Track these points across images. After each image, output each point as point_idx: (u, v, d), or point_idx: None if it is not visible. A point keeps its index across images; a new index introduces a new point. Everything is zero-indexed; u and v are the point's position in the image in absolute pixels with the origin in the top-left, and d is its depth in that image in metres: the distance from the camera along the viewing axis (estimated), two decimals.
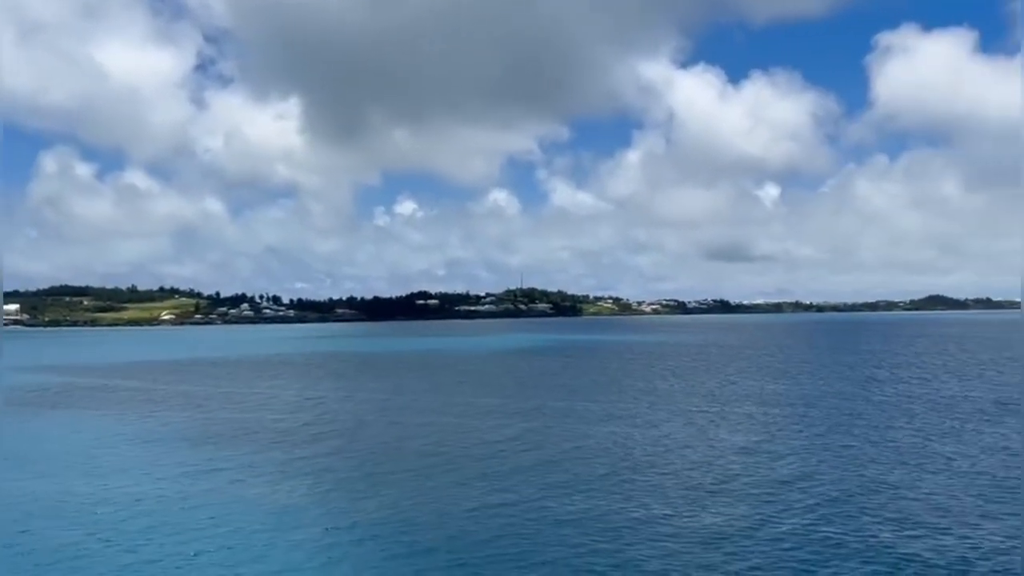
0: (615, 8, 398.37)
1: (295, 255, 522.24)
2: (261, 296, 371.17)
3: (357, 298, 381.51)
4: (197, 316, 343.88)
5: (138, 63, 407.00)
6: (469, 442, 35.40)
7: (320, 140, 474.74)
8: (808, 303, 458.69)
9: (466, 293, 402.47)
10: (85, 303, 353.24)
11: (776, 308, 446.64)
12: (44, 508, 24.51)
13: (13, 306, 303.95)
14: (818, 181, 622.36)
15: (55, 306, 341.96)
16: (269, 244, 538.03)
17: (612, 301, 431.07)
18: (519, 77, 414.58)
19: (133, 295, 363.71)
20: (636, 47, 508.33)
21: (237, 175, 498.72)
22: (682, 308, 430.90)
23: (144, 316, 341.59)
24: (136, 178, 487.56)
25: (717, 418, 41.22)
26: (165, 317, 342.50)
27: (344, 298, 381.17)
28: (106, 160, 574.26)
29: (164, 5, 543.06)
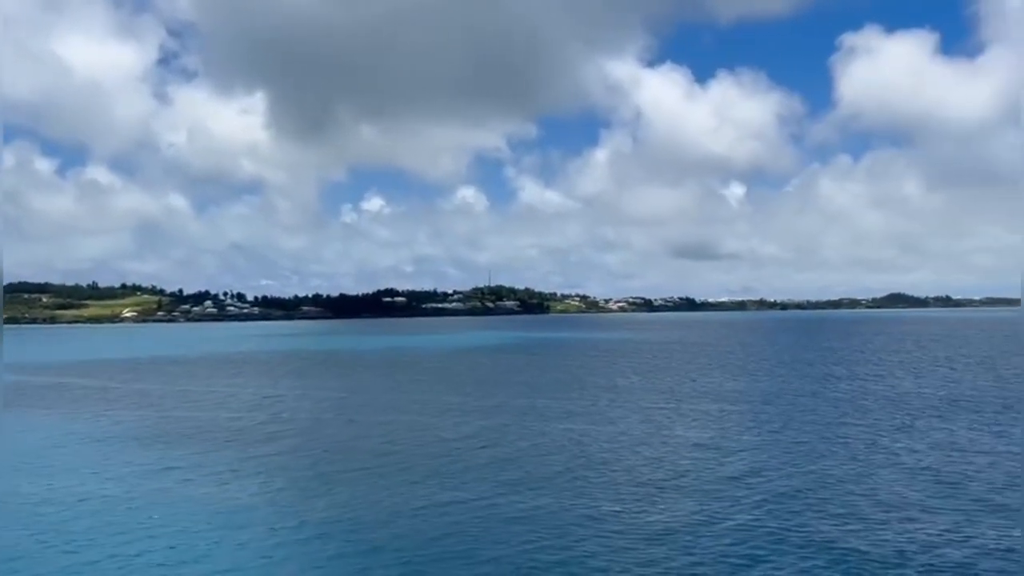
0: (583, 7, 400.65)
1: (260, 252, 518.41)
2: (225, 293, 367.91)
3: (323, 296, 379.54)
4: (159, 313, 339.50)
5: (100, 57, 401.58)
6: (425, 440, 35.33)
7: (286, 135, 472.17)
8: (772, 301, 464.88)
9: (433, 291, 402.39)
10: (44, 300, 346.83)
11: (740, 306, 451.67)
12: None
13: None
14: (783, 180, 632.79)
15: (13, 303, 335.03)
16: (234, 241, 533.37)
17: (579, 299, 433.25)
18: (487, 74, 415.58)
19: (94, 292, 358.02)
20: (603, 46, 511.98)
21: (201, 170, 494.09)
22: (648, 306, 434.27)
23: (105, 313, 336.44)
24: (98, 173, 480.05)
25: (674, 415, 41.53)
26: (126, 315, 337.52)
27: (310, 296, 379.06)
28: (67, 155, 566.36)
29: None
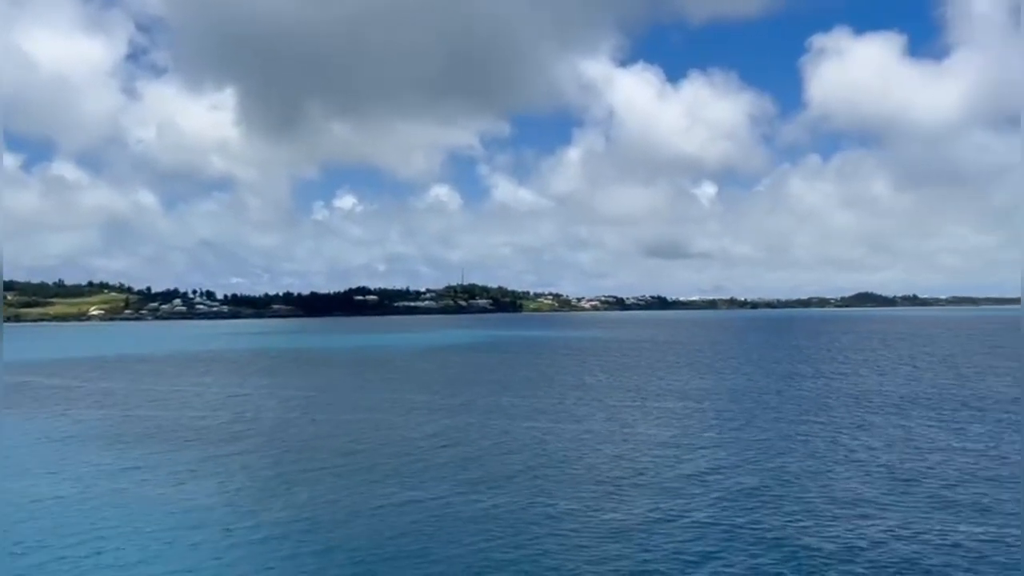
0: (556, 6, 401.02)
1: (231, 249, 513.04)
2: (194, 291, 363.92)
3: (294, 294, 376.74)
4: (127, 312, 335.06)
5: (67, 51, 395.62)
6: (388, 440, 35.19)
7: (256, 132, 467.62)
8: (743, 300, 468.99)
9: (406, 289, 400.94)
10: (9, 298, 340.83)
11: (711, 305, 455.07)
12: None
13: None
14: (753, 180, 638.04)
15: None
16: (204, 238, 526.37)
17: (552, 297, 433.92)
18: (460, 72, 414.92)
19: (60, 290, 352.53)
20: (576, 45, 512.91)
21: (170, 167, 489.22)
22: (621, 304, 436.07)
23: (71, 312, 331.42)
24: (65, 169, 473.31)
25: (638, 413, 41.76)
26: (93, 313, 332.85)
27: (281, 294, 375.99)
28: (33, 150, 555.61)
29: None
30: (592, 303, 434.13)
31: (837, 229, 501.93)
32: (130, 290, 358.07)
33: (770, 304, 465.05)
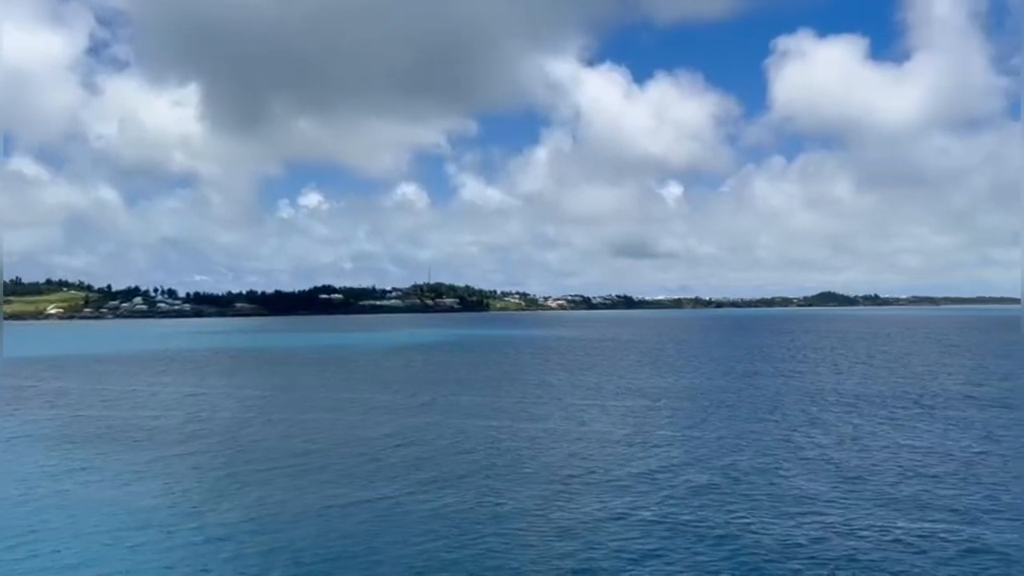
0: (523, 5, 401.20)
1: (194, 247, 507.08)
2: (156, 289, 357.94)
3: (258, 292, 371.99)
4: (87, 310, 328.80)
5: (26, 45, 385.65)
6: (344, 439, 34.92)
7: (220, 128, 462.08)
8: (708, 299, 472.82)
9: (372, 288, 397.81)
10: None
11: (677, 304, 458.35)
12: None
13: None
14: (719, 180, 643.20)
15: None
16: (166, 235, 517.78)
17: (519, 296, 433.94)
18: (428, 71, 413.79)
19: (17, 288, 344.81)
20: (544, 44, 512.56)
21: (132, 163, 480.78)
22: (587, 303, 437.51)
23: (28, 310, 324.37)
24: (23, 164, 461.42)
25: (596, 412, 41.91)
26: (51, 311, 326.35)
27: (244, 292, 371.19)
28: None
29: None
30: (559, 302, 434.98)
31: (800, 230, 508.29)
32: (90, 288, 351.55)
33: (734, 303, 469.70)
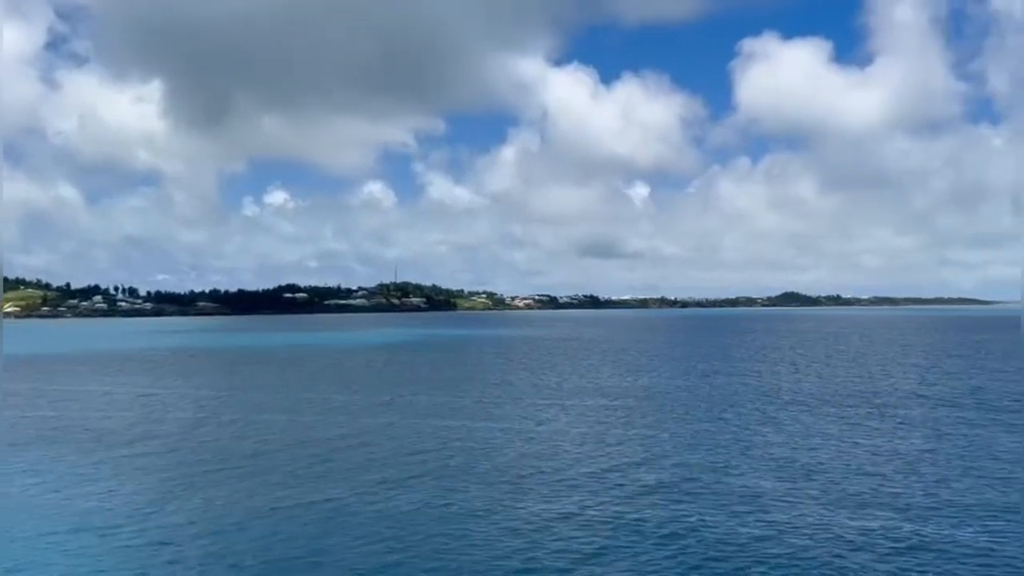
0: (490, 4, 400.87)
1: (156, 245, 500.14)
2: (116, 288, 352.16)
3: (221, 291, 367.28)
4: (44, 309, 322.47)
5: None
6: (299, 440, 34.51)
7: (184, 125, 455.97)
8: (673, 299, 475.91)
9: (337, 287, 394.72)
10: None
11: (643, 304, 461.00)
12: None
13: None
14: (685, 181, 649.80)
15: None
16: (128, 234, 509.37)
17: (486, 296, 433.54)
18: (394, 68, 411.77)
19: None
20: (511, 44, 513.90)
21: (92, 160, 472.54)
22: (554, 303, 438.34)
23: None
24: None
25: (555, 411, 41.96)
26: (8, 310, 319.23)
27: (207, 291, 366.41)
28: None
29: None
30: (526, 302, 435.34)
31: (765, 230, 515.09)
32: (48, 287, 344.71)
33: (700, 303, 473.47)
